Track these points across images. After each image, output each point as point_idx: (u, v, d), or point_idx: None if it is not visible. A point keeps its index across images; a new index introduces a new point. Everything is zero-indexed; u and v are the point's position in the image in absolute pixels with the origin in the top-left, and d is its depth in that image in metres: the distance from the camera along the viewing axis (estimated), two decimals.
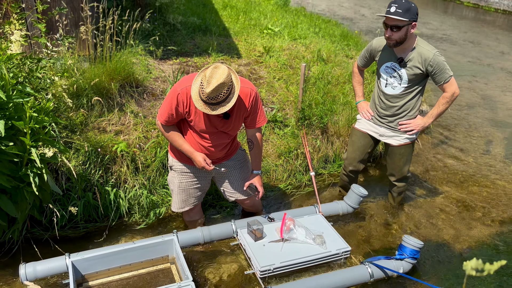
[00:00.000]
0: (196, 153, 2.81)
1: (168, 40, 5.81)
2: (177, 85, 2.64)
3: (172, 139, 2.81)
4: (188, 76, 2.68)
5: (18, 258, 2.95)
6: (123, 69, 4.05)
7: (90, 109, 3.73)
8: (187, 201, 3.12)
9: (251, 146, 2.99)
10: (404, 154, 3.40)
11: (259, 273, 2.81)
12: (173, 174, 3.07)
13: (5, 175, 2.54)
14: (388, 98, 3.25)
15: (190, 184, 3.06)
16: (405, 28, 2.89)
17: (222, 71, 2.40)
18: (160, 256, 2.93)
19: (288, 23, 7.64)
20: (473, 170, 4.57)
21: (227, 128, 2.80)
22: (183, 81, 2.63)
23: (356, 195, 3.51)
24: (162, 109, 2.71)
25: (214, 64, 2.47)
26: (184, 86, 2.59)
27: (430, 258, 3.23)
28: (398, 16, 2.84)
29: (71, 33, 3.95)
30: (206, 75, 2.40)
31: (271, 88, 4.95)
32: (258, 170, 3.08)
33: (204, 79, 2.40)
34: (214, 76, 2.38)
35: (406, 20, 2.85)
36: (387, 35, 2.97)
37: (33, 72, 3.05)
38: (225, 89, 2.42)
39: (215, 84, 2.36)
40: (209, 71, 2.41)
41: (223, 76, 2.38)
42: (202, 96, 2.43)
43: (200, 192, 3.15)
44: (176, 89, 2.60)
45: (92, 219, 3.34)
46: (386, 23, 2.93)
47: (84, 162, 3.35)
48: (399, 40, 2.95)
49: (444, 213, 3.79)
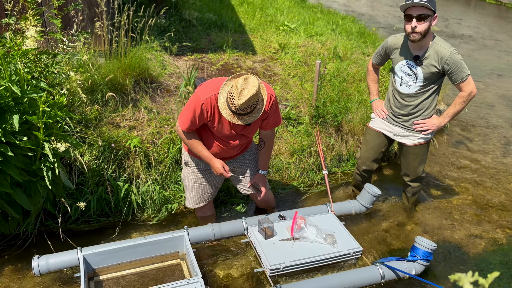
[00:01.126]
0: (214, 160, 2.82)
1: (184, 36, 5.82)
2: (200, 93, 2.59)
3: (191, 145, 2.80)
4: (210, 82, 2.65)
5: (32, 251, 3.00)
6: (138, 65, 4.07)
7: (105, 104, 3.76)
8: (202, 197, 3.13)
9: (262, 145, 2.99)
10: (418, 154, 3.34)
11: (268, 272, 2.80)
12: (188, 170, 3.07)
13: (19, 168, 2.58)
14: (403, 97, 3.19)
15: (205, 180, 3.07)
16: (429, 19, 2.81)
17: (253, 83, 2.40)
18: (170, 252, 2.94)
19: (304, 20, 7.58)
20: (490, 172, 4.47)
21: (246, 132, 2.81)
22: (207, 89, 2.59)
23: (370, 195, 3.47)
24: (184, 117, 2.66)
25: (244, 75, 2.46)
26: (208, 95, 2.55)
27: (443, 261, 3.17)
28: (424, 3, 2.74)
29: (86, 29, 3.98)
30: (238, 87, 2.39)
31: (285, 85, 4.92)
32: (264, 170, 3.07)
33: (236, 90, 2.39)
34: (246, 88, 2.39)
35: (432, 10, 2.77)
36: (413, 26, 2.82)
37: (48, 67, 3.08)
38: (255, 100, 2.44)
39: (247, 96, 2.37)
40: (240, 83, 2.40)
41: (254, 88, 2.39)
42: (232, 107, 2.44)
43: (214, 188, 3.17)
44: (200, 98, 2.55)
45: (105, 214, 3.37)
46: (411, 15, 2.82)
47: (97, 157, 3.38)
48: (423, 33, 2.84)
49: (459, 215, 3.72)
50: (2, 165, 2.47)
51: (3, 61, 2.41)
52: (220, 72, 4.91)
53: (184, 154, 3.06)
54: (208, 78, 4.74)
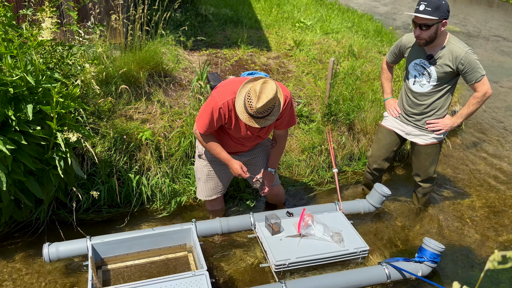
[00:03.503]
0: (232, 161, 2.86)
1: (199, 31, 5.85)
2: (217, 96, 2.61)
3: (210, 147, 2.84)
4: (226, 85, 2.67)
5: (43, 238, 3.06)
6: (152, 59, 4.11)
7: (118, 96, 3.81)
8: (215, 189, 3.16)
9: (274, 144, 3.00)
10: (430, 154, 3.31)
11: (274, 267, 2.81)
12: (202, 162, 3.10)
13: (32, 157, 2.64)
14: (416, 96, 3.16)
15: (218, 173, 3.10)
16: (435, 26, 2.79)
17: (271, 87, 2.43)
18: (178, 244, 2.97)
19: (321, 17, 7.54)
20: (505, 175, 4.39)
21: (262, 133, 2.85)
22: (224, 93, 2.61)
23: (379, 195, 3.44)
24: (201, 120, 2.70)
25: (262, 79, 2.49)
26: (225, 99, 2.58)
27: (451, 263, 3.14)
28: (427, 14, 2.74)
29: (103, 22, 4.03)
30: (256, 90, 2.41)
31: (298, 82, 4.91)
32: (273, 168, 3.08)
33: (254, 94, 2.42)
34: (264, 91, 2.41)
35: (435, 19, 2.75)
36: (417, 34, 2.88)
37: (64, 59, 3.13)
38: (272, 104, 2.48)
39: (265, 100, 2.40)
40: (258, 86, 2.42)
41: (272, 92, 2.42)
42: (250, 110, 2.47)
43: (227, 181, 3.19)
44: (217, 101, 2.59)
45: (115, 204, 3.42)
46: (415, 22, 2.85)
47: (109, 148, 3.43)
48: (429, 39, 2.86)
49: (470, 217, 3.67)
50: (16, 153, 2.53)
51: (19, 51, 2.47)
52: (234, 68, 4.92)
53: (198, 147, 3.08)
54: (221, 73, 4.75)
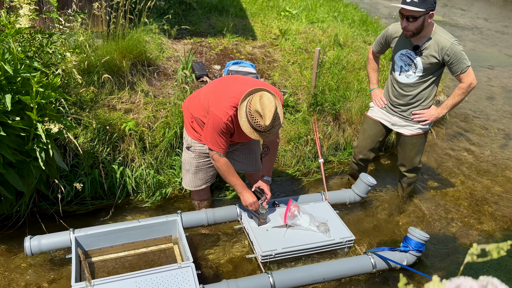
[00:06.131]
0: (245, 193, 2.88)
1: (183, 19, 5.75)
2: (217, 112, 2.59)
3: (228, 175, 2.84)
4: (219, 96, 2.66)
5: (24, 231, 3.00)
6: (136, 47, 4.03)
7: (101, 86, 3.72)
8: (204, 179, 3.13)
9: (266, 152, 2.97)
10: (416, 144, 3.32)
11: (260, 258, 2.80)
12: (190, 154, 3.04)
13: (12, 149, 2.56)
14: (402, 87, 3.16)
15: (207, 164, 3.06)
16: (422, 18, 2.78)
17: (269, 100, 2.45)
18: (163, 236, 2.94)
19: (307, 6, 7.48)
20: (488, 164, 4.45)
21: None
22: (223, 108, 2.60)
23: (364, 184, 3.45)
24: (215, 141, 2.68)
25: (258, 93, 2.50)
26: (228, 114, 2.58)
27: (436, 252, 3.18)
28: (414, 6, 2.72)
29: (84, 9, 3.92)
30: (258, 110, 2.44)
31: (284, 72, 4.88)
32: (268, 176, 3.05)
33: (256, 114, 2.45)
34: (266, 107, 2.43)
35: (422, 11, 2.74)
36: (403, 26, 2.87)
37: (43, 47, 3.04)
38: (276, 113, 2.51)
39: (271, 116, 2.44)
40: (258, 105, 2.44)
41: (272, 104, 2.45)
42: (259, 128, 2.50)
43: (215, 171, 3.15)
44: (221, 119, 2.58)
45: (98, 196, 3.37)
46: (402, 13, 2.83)
47: (92, 139, 3.36)
48: (415, 31, 2.85)
49: (454, 206, 3.72)
50: None
51: None
52: (219, 57, 4.86)
53: (187, 139, 3.01)
54: (206, 63, 4.69)
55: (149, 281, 2.39)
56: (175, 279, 2.41)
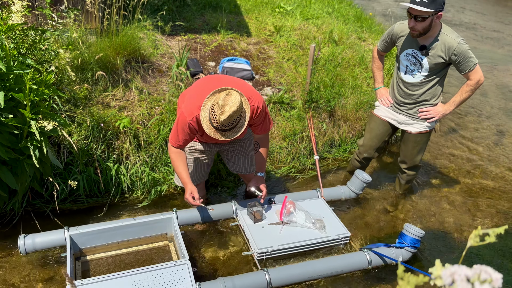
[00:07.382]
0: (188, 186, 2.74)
1: (177, 15, 5.72)
2: (185, 111, 2.57)
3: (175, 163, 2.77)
4: (194, 96, 2.62)
5: (18, 230, 2.97)
6: (130, 44, 4.00)
7: (95, 83, 3.69)
8: (196, 175, 3.11)
9: (257, 148, 2.97)
10: (419, 142, 3.32)
11: (256, 255, 2.80)
12: None
13: (5, 146, 2.53)
14: (407, 86, 3.14)
15: (200, 160, 3.05)
16: (430, 18, 2.75)
17: (234, 99, 2.37)
18: (158, 234, 2.93)
19: (301, 2, 7.46)
20: (482, 160, 4.48)
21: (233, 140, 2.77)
22: (191, 107, 2.57)
23: (360, 181, 3.46)
24: (176, 136, 2.67)
25: (226, 90, 2.43)
26: (193, 114, 2.55)
27: (431, 248, 3.19)
28: (423, 7, 2.69)
29: (77, 5, 3.89)
30: (219, 103, 2.36)
31: (279, 69, 4.87)
32: (262, 172, 3.04)
33: (217, 106, 2.37)
34: (227, 103, 2.36)
35: (431, 11, 2.71)
36: (411, 25, 2.83)
37: (36, 44, 3.01)
38: (237, 116, 2.42)
39: (229, 112, 2.35)
40: (221, 99, 2.36)
41: (236, 104, 2.36)
42: (214, 123, 2.42)
43: (208, 167, 3.15)
44: (186, 117, 2.55)
45: (93, 194, 3.35)
46: (410, 12, 2.79)
47: (86, 137, 3.34)
48: (422, 31, 2.82)
49: (449, 203, 3.73)
50: None
51: None
52: (214, 54, 4.84)
53: None
54: (201, 59, 4.67)
55: (145, 279, 2.38)
56: (171, 277, 2.41)
